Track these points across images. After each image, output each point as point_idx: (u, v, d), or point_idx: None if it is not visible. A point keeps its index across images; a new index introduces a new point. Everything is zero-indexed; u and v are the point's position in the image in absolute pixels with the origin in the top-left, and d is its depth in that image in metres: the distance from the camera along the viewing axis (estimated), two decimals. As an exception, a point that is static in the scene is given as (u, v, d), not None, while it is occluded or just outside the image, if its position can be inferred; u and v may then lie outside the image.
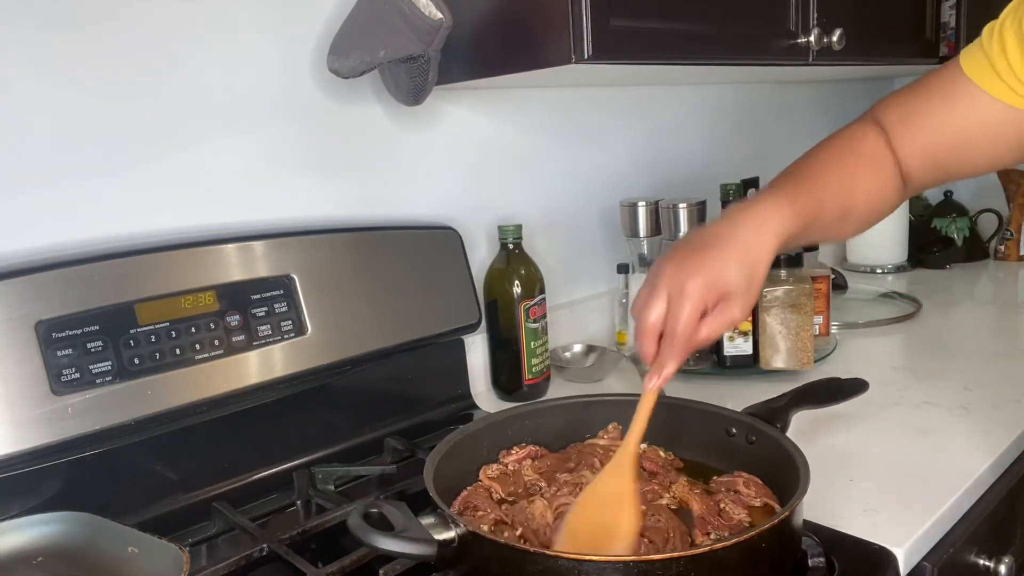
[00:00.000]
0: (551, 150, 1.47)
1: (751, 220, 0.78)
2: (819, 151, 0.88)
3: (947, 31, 1.70)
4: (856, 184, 0.86)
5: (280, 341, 1.00)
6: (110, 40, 0.95)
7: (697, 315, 0.73)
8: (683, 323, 0.73)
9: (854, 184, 0.86)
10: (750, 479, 0.83)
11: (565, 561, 0.65)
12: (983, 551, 0.96)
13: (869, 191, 0.87)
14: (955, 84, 0.82)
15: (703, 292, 0.73)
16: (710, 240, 0.77)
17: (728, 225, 0.78)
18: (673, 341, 0.73)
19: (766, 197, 0.81)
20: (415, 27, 1.00)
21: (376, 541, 0.68)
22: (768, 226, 0.78)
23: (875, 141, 0.88)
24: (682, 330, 0.73)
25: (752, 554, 0.67)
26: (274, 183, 1.10)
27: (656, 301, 0.74)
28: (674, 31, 1.06)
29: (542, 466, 0.90)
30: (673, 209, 1.35)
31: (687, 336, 0.73)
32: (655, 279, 0.75)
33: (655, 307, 0.74)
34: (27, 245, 0.91)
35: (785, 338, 1.26)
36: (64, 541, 0.78)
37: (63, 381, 0.84)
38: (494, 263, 1.26)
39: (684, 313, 0.73)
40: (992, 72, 0.79)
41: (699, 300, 0.73)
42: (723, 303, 0.74)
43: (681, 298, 0.73)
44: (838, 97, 2.18)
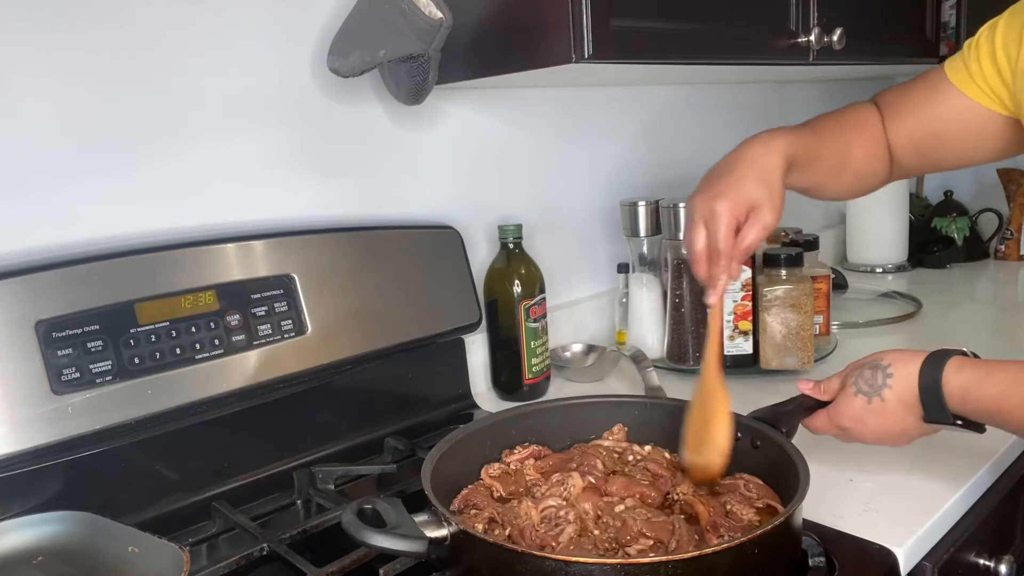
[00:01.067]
0: (551, 150, 1.47)
1: (758, 141, 0.91)
2: (826, 114, 1.03)
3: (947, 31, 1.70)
4: (852, 145, 1.00)
5: (280, 341, 1.00)
6: (110, 41, 0.95)
7: (731, 230, 0.85)
8: (722, 239, 0.85)
9: (850, 145, 1.00)
10: (751, 480, 0.83)
11: (552, 562, 0.65)
12: (983, 551, 0.96)
13: (862, 155, 1.01)
14: (939, 82, 0.96)
15: (731, 208, 0.85)
16: (725, 167, 0.90)
17: (739, 151, 0.91)
18: (719, 257, 0.85)
19: (772, 129, 0.95)
20: (415, 26, 1.00)
21: (367, 538, 0.68)
22: (774, 144, 0.90)
23: (873, 119, 1.02)
24: (723, 245, 0.85)
25: (746, 559, 0.66)
26: (274, 183, 1.10)
27: (696, 230, 0.87)
28: (674, 31, 1.06)
29: (544, 466, 0.90)
30: (673, 209, 1.35)
31: (729, 249, 0.85)
32: (691, 212, 0.88)
33: (697, 235, 0.87)
34: (27, 245, 0.91)
35: (785, 338, 1.26)
36: (64, 541, 0.78)
37: (63, 381, 0.84)
38: (494, 263, 1.26)
39: (720, 231, 0.84)
40: (967, 75, 0.93)
41: (730, 216, 0.85)
42: (753, 213, 0.85)
43: (714, 220, 0.85)
44: (838, 97, 2.18)
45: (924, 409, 0.81)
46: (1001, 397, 0.76)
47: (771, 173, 0.88)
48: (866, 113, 1.03)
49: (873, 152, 1.01)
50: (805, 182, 0.97)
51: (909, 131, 0.99)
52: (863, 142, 1.01)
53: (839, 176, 1.01)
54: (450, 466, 0.85)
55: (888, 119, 1.01)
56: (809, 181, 0.97)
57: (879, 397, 0.83)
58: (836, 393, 0.89)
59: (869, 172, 1.03)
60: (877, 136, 1.01)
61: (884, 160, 1.02)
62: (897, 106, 1.01)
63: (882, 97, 1.03)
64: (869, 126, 1.02)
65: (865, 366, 0.86)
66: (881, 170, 1.03)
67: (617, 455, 0.93)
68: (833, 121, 1.01)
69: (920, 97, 0.98)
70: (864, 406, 0.84)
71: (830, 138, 0.99)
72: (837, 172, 1.00)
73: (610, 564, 0.66)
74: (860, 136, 1.01)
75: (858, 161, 1.01)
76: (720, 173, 0.89)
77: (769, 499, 0.80)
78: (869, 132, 1.01)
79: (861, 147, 1.01)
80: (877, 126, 1.02)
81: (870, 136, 1.01)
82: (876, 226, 2.04)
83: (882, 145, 1.02)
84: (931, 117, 0.97)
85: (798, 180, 0.95)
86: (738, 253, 0.86)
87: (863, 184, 1.04)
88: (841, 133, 1.00)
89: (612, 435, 0.96)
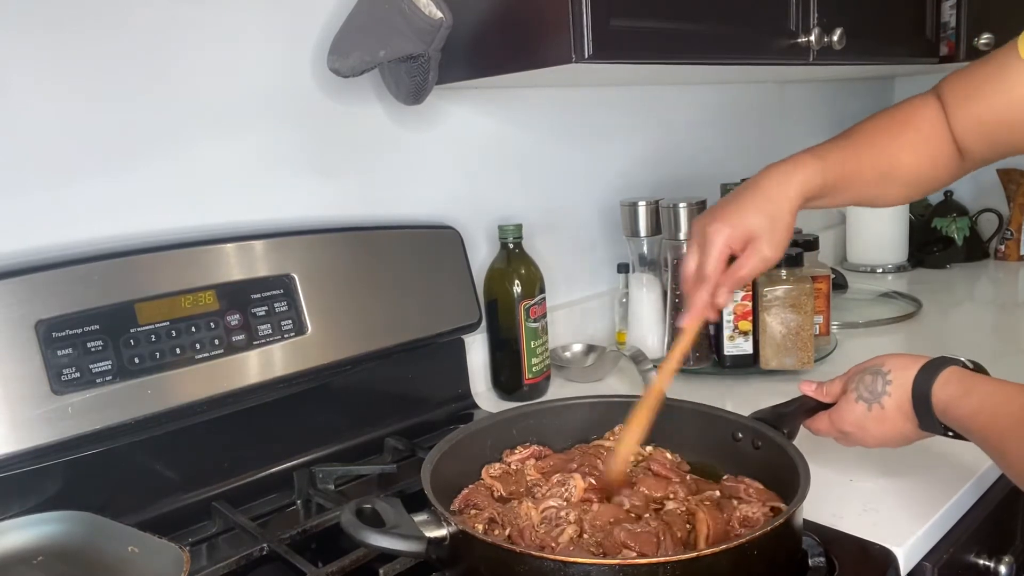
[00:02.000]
0: (551, 150, 1.47)
1: (777, 170, 0.88)
2: (876, 116, 0.96)
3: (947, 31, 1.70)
4: (900, 154, 0.92)
5: (280, 341, 1.00)
6: (110, 41, 0.95)
7: (722, 258, 0.85)
8: (710, 266, 0.85)
9: (897, 154, 0.92)
10: (751, 484, 0.83)
11: (551, 563, 0.65)
12: (983, 551, 0.96)
13: (913, 161, 0.92)
14: (1009, 62, 0.85)
15: (726, 236, 0.85)
16: (734, 195, 0.89)
17: (756, 178, 0.89)
18: (702, 283, 0.85)
19: (799, 153, 0.90)
20: (415, 26, 1.00)
21: (366, 537, 0.68)
22: (794, 175, 0.87)
23: (930, 113, 0.93)
24: (710, 272, 0.85)
25: (746, 559, 0.66)
26: (274, 183, 1.10)
27: (690, 253, 0.87)
28: (674, 31, 1.06)
29: (545, 466, 0.90)
30: (673, 209, 1.35)
31: (715, 276, 0.85)
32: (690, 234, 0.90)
33: (689, 259, 0.87)
34: (27, 245, 0.91)
35: (785, 338, 1.26)
36: (64, 541, 0.78)
37: (63, 381, 0.84)
38: (494, 263, 1.26)
39: (710, 257, 0.85)
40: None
41: (722, 244, 0.85)
42: (751, 244, 0.85)
43: (706, 245, 0.85)
44: (838, 97, 2.18)
45: (917, 418, 0.80)
46: (972, 417, 0.75)
47: (780, 206, 0.86)
48: (921, 109, 0.94)
49: (928, 153, 0.93)
50: (844, 201, 0.94)
51: (979, 120, 0.89)
52: (914, 147, 0.92)
53: (886, 188, 0.95)
54: (450, 466, 0.85)
55: (951, 109, 0.91)
56: (848, 200, 0.94)
57: (879, 404, 0.83)
58: (838, 396, 0.88)
59: (925, 178, 0.94)
60: (933, 135, 0.92)
61: (945, 159, 0.93)
62: (961, 93, 0.91)
63: (944, 88, 0.93)
64: (923, 125, 0.93)
65: (866, 371, 0.86)
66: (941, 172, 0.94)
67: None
68: (877, 128, 0.94)
69: (990, 81, 0.88)
70: (864, 413, 0.84)
71: (868, 152, 0.92)
72: (882, 185, 0.94)
73: (608, 565, 0.66)
74: (910, 141, 0.93)
75: (908, 168, 0.93)
76: (729, 199, 0.88)
77: (771, 501, 0.80)
78: (923, 133, 0.93)
79: (912, 153, 0.93)
80: (934, 123, 0.92)
81: (924, 137, 0.92)
82: (876, 226, 2.04)
83: (941, 143, 0.92)
84: (1003, 103, 0.87)
85: (834, 202, 0.92)
86: (728, 282, 0.85)
87: (920, 189, 0.97)
88: (884, 143, 0.93)
89: (613, 435, 0.96)
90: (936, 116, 0.93)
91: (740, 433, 0.90)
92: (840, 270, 1.93)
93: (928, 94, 0.95)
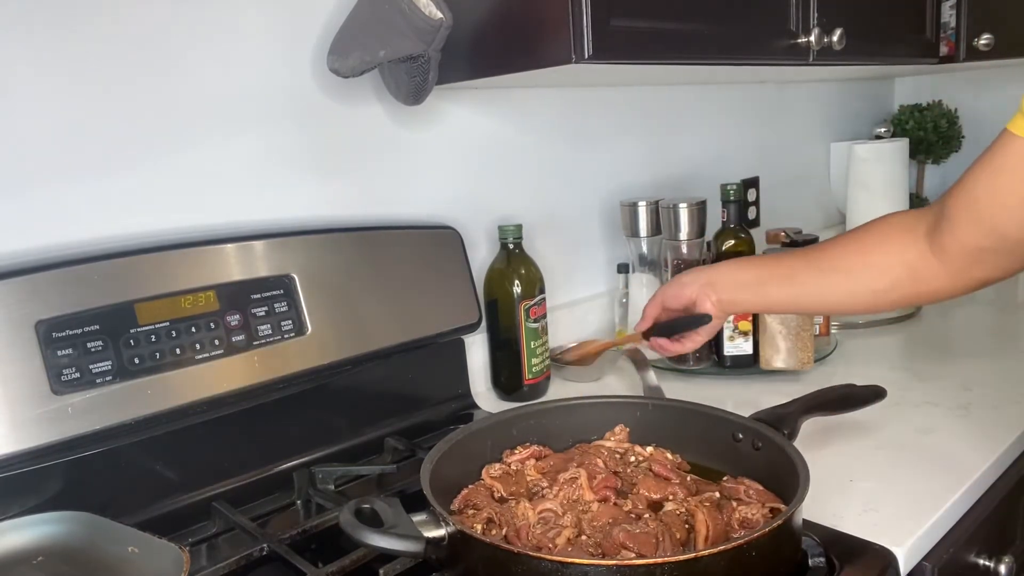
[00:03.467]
0: (551, 150, 1.47)
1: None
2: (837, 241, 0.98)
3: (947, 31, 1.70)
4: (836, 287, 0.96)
5: (280, 341, 1.00)
6: (110, 40, 0.95)
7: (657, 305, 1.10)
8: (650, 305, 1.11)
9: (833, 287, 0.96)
10: (751, 485, 0.83)
11: (548, 563, 0.65)
12: (983, 551, 0.96)
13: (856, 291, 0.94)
14: (1002, 145, 0.78)
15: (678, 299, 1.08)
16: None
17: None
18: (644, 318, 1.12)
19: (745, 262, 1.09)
20: (415, 27, 1.00)
21: (364, 537, 0.68)
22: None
23: (894, 226, 0.92)
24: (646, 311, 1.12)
25: (745, 560, 0.66)
26: (274, 183, 1.10)
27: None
28: (674, 31, 1.06)
29: (545, 466, 0.90)
30: (673, 209, 1.35)
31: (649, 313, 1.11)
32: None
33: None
34: (27, 245, 0.91)
35: (785, 338, 1.26)
36: (64, 541, 0.78)
37: (63, 381, 0.84)
38: (494, 263, 1.26)
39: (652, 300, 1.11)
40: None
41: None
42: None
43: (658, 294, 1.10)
44: (838, 97, 2.18)
45: None
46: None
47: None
48: (881, 224, 0.93)
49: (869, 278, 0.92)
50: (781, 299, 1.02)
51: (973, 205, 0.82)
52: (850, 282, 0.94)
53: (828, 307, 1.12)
54: (450, 466, 0.85)
55: (948, 213, 0.84)
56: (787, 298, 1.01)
57: None
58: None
59: (867, 302, 0.95)
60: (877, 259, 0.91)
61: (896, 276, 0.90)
62: (959, 193, 0.83)
63: (944, 200, 0.85)
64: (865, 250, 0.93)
65: None
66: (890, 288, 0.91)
67: (619, 456, 0.92)
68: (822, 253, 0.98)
69: (983, 169, 0.80)
70: None
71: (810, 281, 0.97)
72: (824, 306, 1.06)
73: (606, 565, 0.66)
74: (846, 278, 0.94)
75: (845, 298, 0.96)
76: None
77: (771, 501, 0.80)
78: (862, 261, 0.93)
79: (846, 287, 0.94)
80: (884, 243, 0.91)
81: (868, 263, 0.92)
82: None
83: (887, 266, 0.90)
84: (1001, 185, 0.79)
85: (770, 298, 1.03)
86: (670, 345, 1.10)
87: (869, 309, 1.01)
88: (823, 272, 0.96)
89: (614, 435, 0.96)
90: (896, 229, 0.91)
91: (740, 434, 0.90)
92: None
93: (911, 212, 0.92)
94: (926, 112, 2.19)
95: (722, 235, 1.36)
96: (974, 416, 1.10)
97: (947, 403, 1.14)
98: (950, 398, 1.16)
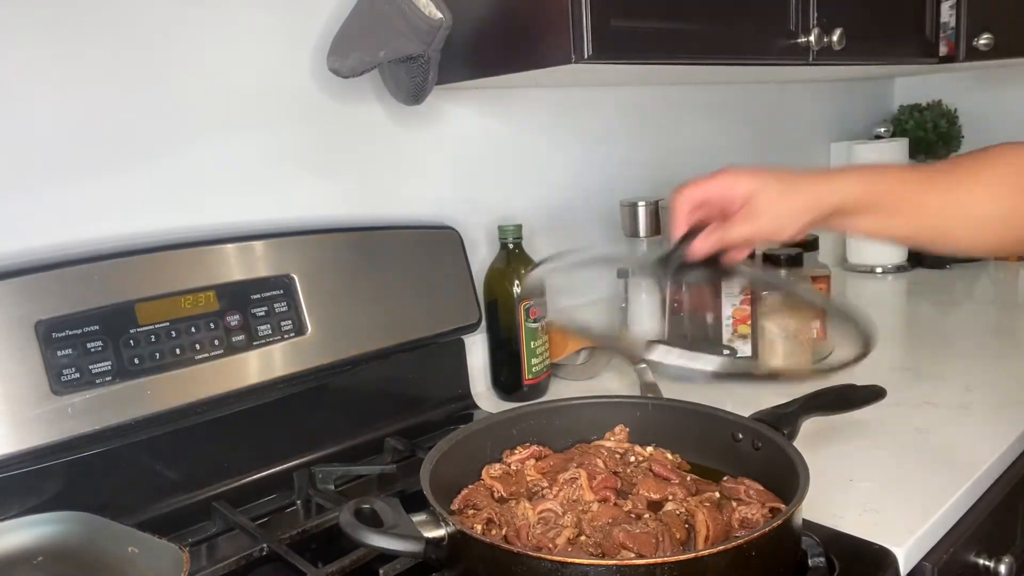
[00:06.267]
0: (551, 150, 1.47)
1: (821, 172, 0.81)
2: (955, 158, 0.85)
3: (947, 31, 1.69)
4: (978, 186, 0.80)
5: (280, 341, 1.00)
6: (110, 40, 0.95)
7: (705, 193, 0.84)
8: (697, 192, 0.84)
9: (975, 185, 0.80)
10: (751, 485, 0.83)
11: (548, 563, 0.65)
12: (983, 551, 0.96)
13: (995, 197, 0.79)
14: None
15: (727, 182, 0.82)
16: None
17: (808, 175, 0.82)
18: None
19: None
20: (415, 27, 1.00)
21: (364, 537, 0.68)
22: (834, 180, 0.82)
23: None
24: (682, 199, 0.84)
25: (745, 560, 0.66)
26: (274, 183, 1.10)
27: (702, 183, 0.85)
28: (674, 31, 1.06)
29: (545, 466, 0.90)
30: (673, 209, 1.35)
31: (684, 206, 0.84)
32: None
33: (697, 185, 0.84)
34: (27, 245, 0.91)
35: (783, 342, 1.26)
36: (64, 541, 0.78)
37: (63, 381, 0.84)
38: (494, 263, 1.26)
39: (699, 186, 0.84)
40: None
41: (721, 182, 0.83)
42: (748, 207, 0.80)
43: (709, 178, 0.84)
44: (838, 97, 2.18)
45: None
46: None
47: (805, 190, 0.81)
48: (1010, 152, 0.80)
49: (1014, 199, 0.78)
50: (897, 227, 0.82)
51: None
52: (994, 185, 0.79)
53: (956, 229, 0.81)
54: (450, 466, 0.85)
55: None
56: (904, 227, 0.82)
57: None
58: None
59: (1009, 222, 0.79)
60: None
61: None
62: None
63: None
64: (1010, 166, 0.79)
65: None
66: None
67: (619, 456, 0.92)
68: (953, 163, 0.83)
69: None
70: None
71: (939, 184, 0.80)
72: (947, 219, 0.81)
73: (606, 565, 0.66)
74: (990, 179, 0.80)
75: (983, 207, 0.79)
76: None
77: (771, 502, 0.80)
78: (1010, 171, 0.79)
79: (990, 190, 0.79)
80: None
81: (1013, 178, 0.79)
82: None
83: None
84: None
85: (883, 223, 0.82)
86: (714, 235, 0.81)
87: (1006, 234, 0.81)
88: (958, 176, 0.81)
89: (614, 436, 0.96)
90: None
91: (740, 434, 0.90)
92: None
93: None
94: (926, 112, 2.19)
95: (722, 235, 1.36)
96: (974, 416, 1.10)
97: (947, 403, 1.14)
98: (950, 398, 1.16)
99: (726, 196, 0.81)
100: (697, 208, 0.83)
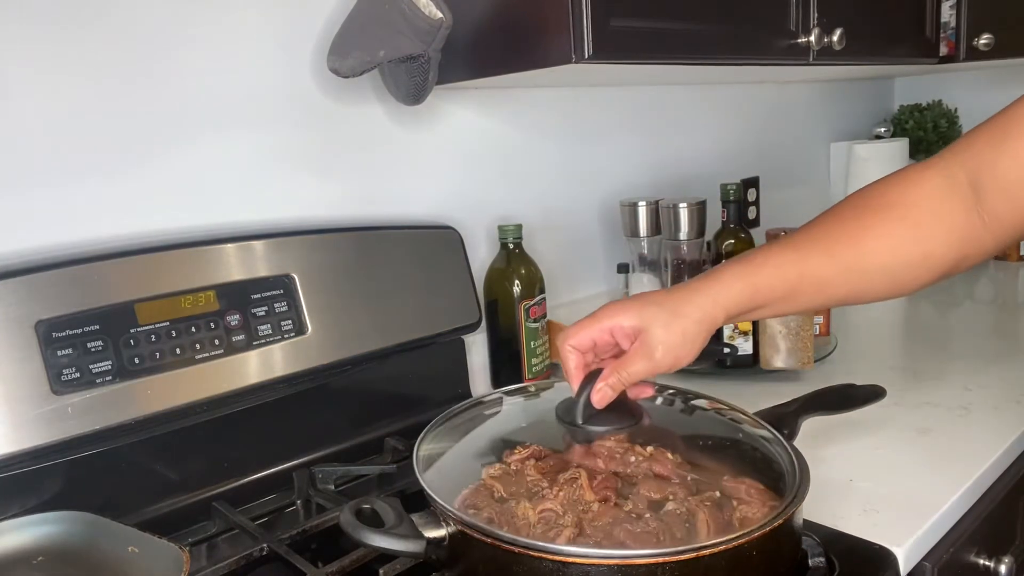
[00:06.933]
0: (551, 150, 1.47)
1: (706, 288, 0.79)
2: (843, 203, 0.82)
3: (947, 31, 1.70)
4: (865, 240, 0.77)
5: (280, 341, 1.00)
6: (110, 40, 0.95)
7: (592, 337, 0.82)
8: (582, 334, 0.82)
9: (861, 241, 0.77)
10: (752, 485, 0.83)
11: (549, 563, 0.65)
12: (983, 551, 0.96)
13: (889, 246, 0.77)
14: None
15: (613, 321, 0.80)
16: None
17: (688, 287, 0.80)
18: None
19: (736, 264, 0.80)
20: (415, 27, 1.00)
21: (365, 537, 0.68)
22: (718, 292, 0.78)
23: (913, 193, 0.77)
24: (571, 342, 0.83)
25: (745, 559, 0.66)
26: (274, 183, 1.10)
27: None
28: (674, 31, 1.06)
29: (545, 466, 0.90)
30: (673, 209, 1.35)
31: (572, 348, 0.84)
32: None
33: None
34: (27, 245, 0.91)
35: (785, 338, 1.26)
36: (64, 541, 0.78)
37: (63, 381, 0.84)
38: (494, 263, 1.26)
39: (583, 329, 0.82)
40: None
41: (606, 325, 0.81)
42: (641, 339, 0.79)
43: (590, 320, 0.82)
44: (838, 97, 2.18)
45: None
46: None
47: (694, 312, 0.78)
48: (903, 183, 0.78)
49: (915, 236, 0.76)
50: (804, 307, 0.82)
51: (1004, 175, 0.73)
52: (888, 230, 0.77)
53: (862, 283, 0.79)
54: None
55: (983, 169, 0.75)
56: (811, 304, 0.81)
57: None
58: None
59: (913, 262, 0.77)
60: (922, 216, 0.76)
61: (954, 235, 0.76)
62: (996, 144, 0.75)
63: (961, 148, 0.77)
64: (903, 203, 0.77)
65: None
66: (953, 251, 0.76)
67: (619, 455, 0.92)
68: (841, 219, 0.81)
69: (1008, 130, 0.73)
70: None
71: (821, 250, 0.79)
72: (855, 281, 0.79)
73: (607, 564, 0.66)
74: (883, 223, 0.77)
75: (885, 255, 0.77)
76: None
77: (771, 501, 0.80)
78: (902, 213, 0.77)
79: (886, 238, 0.77)
80: (927, 199, 0.77)
81: (911, 218, 0.77)
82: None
83: (934, 224, 0.76)
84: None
85: (787, 309, 0.81)
86: (611, 371, 0.80)
87: (913, 279, 0.78)
88: (849, 234, 0.78)
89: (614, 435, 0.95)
90: (925, 195, 0.77)
91: (740, 433, 0.90)
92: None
93: (924, 165, 0.79)
94: (926, 112, 2.19)
95: (722, 235, 1.36)
96: (974, 416, 1.10)
97: (947, 403, 1.14)
98: (950, 398, 1.16)
99: (615, 333, 0.80)
100: (588, 351, 0.83)
